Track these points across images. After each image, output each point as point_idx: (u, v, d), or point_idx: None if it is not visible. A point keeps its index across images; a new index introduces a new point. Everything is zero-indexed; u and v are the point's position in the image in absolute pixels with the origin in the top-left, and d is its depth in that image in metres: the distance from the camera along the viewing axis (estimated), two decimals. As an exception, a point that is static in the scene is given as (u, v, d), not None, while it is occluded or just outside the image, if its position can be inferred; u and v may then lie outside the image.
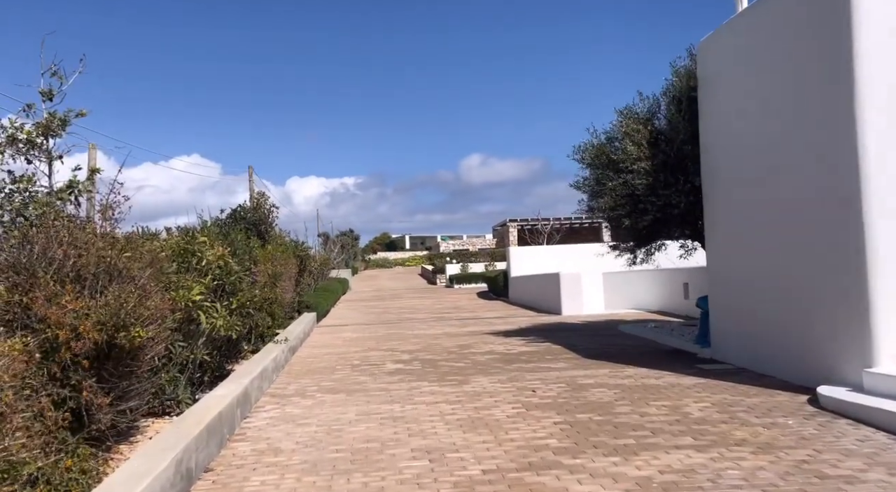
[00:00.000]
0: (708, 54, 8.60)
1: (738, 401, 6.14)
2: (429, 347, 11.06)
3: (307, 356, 10.62)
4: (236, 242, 8.42)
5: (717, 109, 8.37)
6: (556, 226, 60.42)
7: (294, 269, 14.24)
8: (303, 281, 17.09)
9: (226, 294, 7.78)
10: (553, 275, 16.91)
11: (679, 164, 9.16)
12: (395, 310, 21.44)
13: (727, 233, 8.14)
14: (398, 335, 13.26)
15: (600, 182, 10.08)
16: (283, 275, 11.91)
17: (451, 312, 19.10)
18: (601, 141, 10.39)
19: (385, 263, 78.88)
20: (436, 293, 31.81)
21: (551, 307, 17.04)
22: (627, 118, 9.82)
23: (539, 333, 12.55)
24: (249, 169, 41.98)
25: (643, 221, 9.30)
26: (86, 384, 4.24)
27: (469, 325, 14.83)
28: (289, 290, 13.50)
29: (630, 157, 9.37)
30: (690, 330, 10.96)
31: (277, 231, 16.51)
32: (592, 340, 11.09)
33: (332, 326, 15.83)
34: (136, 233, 6.20)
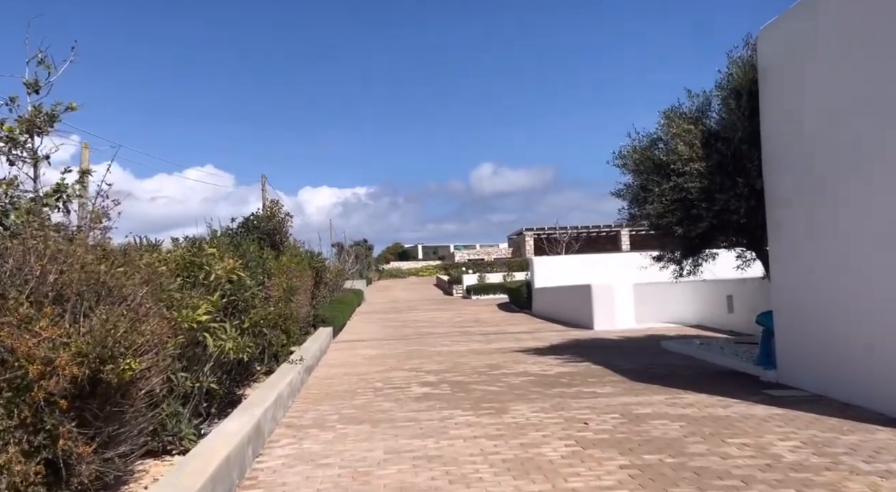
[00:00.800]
0: (771, 43, 7.78)
1: (832, 439, 5.28)
2: (456, 367, 10.25)
3: (325, 377, 9.85)
4: (248, 254, 7.70)
5: (784, 104, 7.53)
6: (574, 235, 59.50)
7: (310, 281, 13.51)
8: (318, 294, 16.36)
9: (237, 312, 7.04)
10: (583, 287, 16.05)
11: (737, 165, 8.32)
12: (413, 323, 20.64)
13: (799, 242, 7.27)
14: (420, 352, 12.47)
15: (645, 188, 9.26)
16: (298, 288, 11.18)
17: (473, 326, 18.27)
18: (644, 144, 9.58)
19: (398, 273, 78.18)
20: (454, 305, 30.98)
21: (581, 321, 16.16)
22: (675, 118, 9.00)
23: (574, 350, 11.69)
24: (262, 178, 41.57)
25: (697, 228, 8.45)
26: (63, 430, 3.48)
27: (495, 340, 14.01)
28: (304, 304, 12.77)
29: (681, 158, 8.55)
30: (744, 348, 10.08)
31: (292, 241, 15.81)
32: (635, 359, 10.23)
33: (349, 342, 15.06)
34: (134, 244, 5.47)
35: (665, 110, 9.26)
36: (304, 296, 12.82)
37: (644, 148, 9.53)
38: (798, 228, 7.29)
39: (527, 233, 73.89)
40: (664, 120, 9.23)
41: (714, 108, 9.14)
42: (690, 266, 10.32)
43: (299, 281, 11.76)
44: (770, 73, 7.79)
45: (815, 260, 7.00)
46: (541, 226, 71.68)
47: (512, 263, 54.32)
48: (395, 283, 63.17)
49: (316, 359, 11.28)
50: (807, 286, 7.18)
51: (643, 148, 9.55)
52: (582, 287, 16.26)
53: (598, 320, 15.32)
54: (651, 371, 9.06)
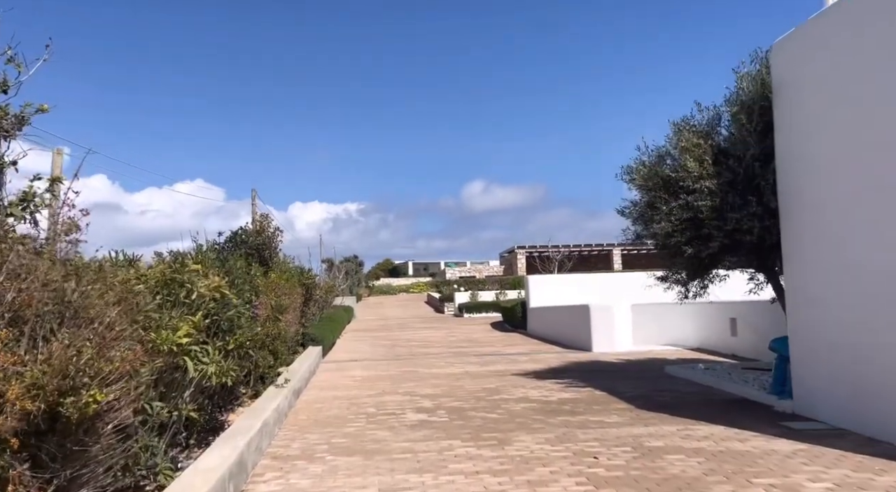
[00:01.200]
0: (785, 57, 7.50)
1: (866, 481, 4.88)
2: (452, 392, 9.80)
3: (313, 401, 9.37)
4: (235, 271, 7.26)
5: (800, 120, 7.23)
6: (566, 253, 59.25)
7: (299, 299, 13.05)
8: (308, 311, 15.88)
9: (221, 333, 6.59)
10: (581, 307, 15.67)
11: (749, 183, 8.00)
12: (405, 342, 20.15)
13: (818, 265, 6.93)
14: (414, 375, 12.00)
15: (653, 206, 8.93)
16: (287, 307, 10.72)
17: (467, 347, 17.81)
18: (652, 159, 9.27)
19: (389, 289, 77.63)
20: (446, 323, 30.51)
21: (579, 343, 15.75)
22: (685, 131, 8.69)
23: (574, 374, 11.27)
24: (252, 192, 41.06)
25: (708, 248, 8.11)
26: (14, 473, 3.04)
27: (491, 362, 13.56)
28: (293, 322, 12.30)
29: (691, 175, 8.22)
30: (753, 375, 9.70)
31: (282, 257, 15.36)
32: (639, 385, 9.82)
33: (339, 362, 14.56)
34: (110, 259, 5.03)
35: (675, 122, 8.96)
36: (293, 314, 12.35)
37: (652, 163, 9.22)
38: (816, 249, 6.96)
39: (519, 251, 73.71)
40: (673, 132, 8.92)
41: (724, 124, 8.85)
42: (697, 288, 9.97)
43: (288, 299, 11.31)
44: (784, 89, 7.50)
45: (836, 283, 6.65)
46: (533, 244, 71.58)
47: (504, 281, 53.94)
48: (385, 300, 62.59)
49: (304, 381, 10.80)
50: (826, 310, 6.82)
51: (651, 163, 9.23)
52: (580, 308, 15.88)
53: (596, 342, 14.92)
54: (658, 398, 8.65)
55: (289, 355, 12.13)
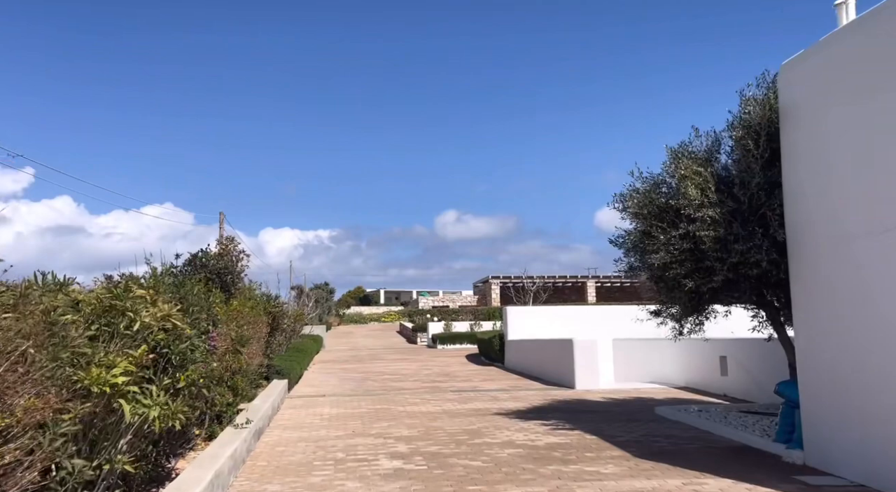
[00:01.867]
0: (794, 79, 7.09)
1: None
2: (429, 433, 9.04)
3: (276, 444, 8.52)
4: (191, 297, 6.49)
5: (810, 147, 6.79)
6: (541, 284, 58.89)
7: (265, 328, 12.21)
8: (274, 341, 14.98)
9: (171, 368, 5.79)
10: (564, 341, 15.05)
11: (754, 212, 7.53)
12: (376, 375, 19.27)
13: (833, 303, 6.41)
14: (387, 413, 11.19)
15: (649, 235, 8.40)
16: (250, 338, 9.90)
17: (443, 381, 17.02)
18: (647, 186, 8.78)
19: (360, 318, 76.38)
20: (419, 355, 29.63)
21: (561, 379, 15.09)
22: (684, 158, 8.23)
23: (559, 414, 10.59)
24: (220, 215, 40.10)
25: (712, 281, 7.58)
26: None
27: (470, 399, 12.81)
28: (257, 354, 11.45)
29: (692, 203, 7.72)
30: (752, 419, 9.13)
31: (247, 283, 14.51)
32: (631, 428, 9.17)
33: (306, 398, 13.67)
34: (34, 282, 4.26)
35: (672, 148, 8.50)
36: (258, 345, 11.51)
37: (647, 190, 8.73)
38: (830, 285, 6.45)
39: (493, 281, 73.24)
40: (670, 159, 8.45)
41: (724, 150, 8.42)
42: (692, 324, 9.43)
43: (252, 329, 10.49)
44: (793, 113, 7.08)
45: (853, 321, 6.13)
46: (507, 274, 71.22)
47: (478, 312, 53.21)
48: (356, 328, 61.44)
49: (267, 419, 9.93)
50: (842, 352, 6.28)
51: (646, 190, 8.74)
52: (562, 342, 15.26)
53: (580, 379, 14.28)
54: (654, 444, 8.01)
55: (251, 390, 11.26)
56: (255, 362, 11.39)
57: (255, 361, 11.36)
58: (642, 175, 8.85)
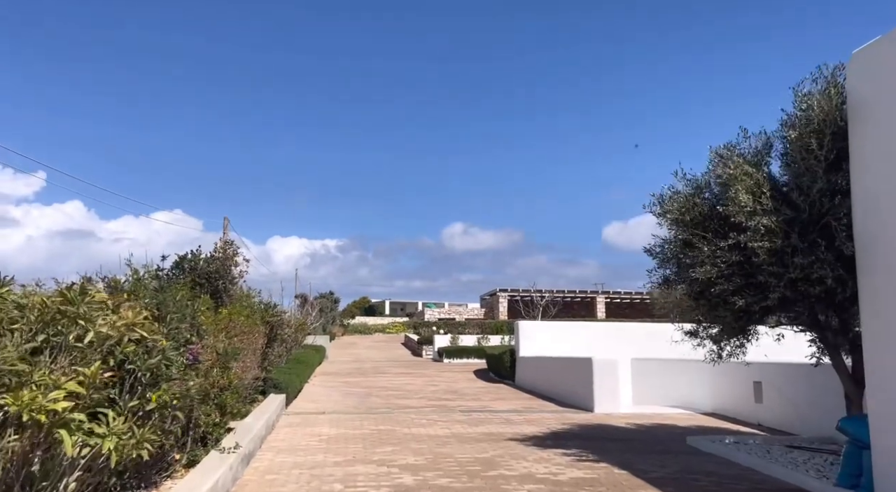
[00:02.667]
0: (869, 70, 6.22)
1: None
2: (438, 462, 8.14)
3: (266, 471, 7.64)
4: (171, 304, 5.66)
5: (887, 147, 5.91)
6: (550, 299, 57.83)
7: (261, 339, 11.37)
8: (272, 353, 14.14)
9: (141, 387, 4.96)
10: (583, 360, 14.12)
11: (815, 222, 6.65)
12: (380, 391, 18.36)
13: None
14: (391, 435, 10.30)
15: (691, 245, 7.53)
16: (243, 350, 9.07)
17: (450, 399, 16.09)
18: (689, 190, 7.92)
19: (364, 328, 75.48)
20: (425, 369, 28.70)
21: (578, 401, 14.15)
22: (734, 157, 7.36)
23: (580, 441, 9.66)
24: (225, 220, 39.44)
25: (766, 300, 6.68)
26: None
27: (481, 422, 11.89)
28: (252, 366, 10.60)
29: (743, 210, 6.85)
30: (801, 456, 8.19)
31: (245, 289, 13.70)
32: (664, 461, 8.24)
33: (304, 415, 12.78)
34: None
35: (717, 149, 7.64)
36: (252, 357, 10.67)
37: (690, 194, 7.86)
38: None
39: (501, 294, 72.20)
40: (715, 160, 7.59)
41: (776, 153, 7.55)
42: (733, 347, 8.52)
43: (246, 339, 9.66)
44: (864, 110, 6.20)
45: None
46: (515, 287, 70.16)
47: (486, 325, 52.23)
48: (360, 339, 60.57)
49: (259, 440, 9.06)
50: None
51: (689, 194, 7.88)
52: (580, 361, 14.33)
53: (599, 401, 13.34)
54: (694, 484, 7.08)
55: (244, 407, 10.41)
56: (250, 376, 10.54)
57: (250, 375, 10.51)
58: (685, 176, 7.99)
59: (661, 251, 8.28)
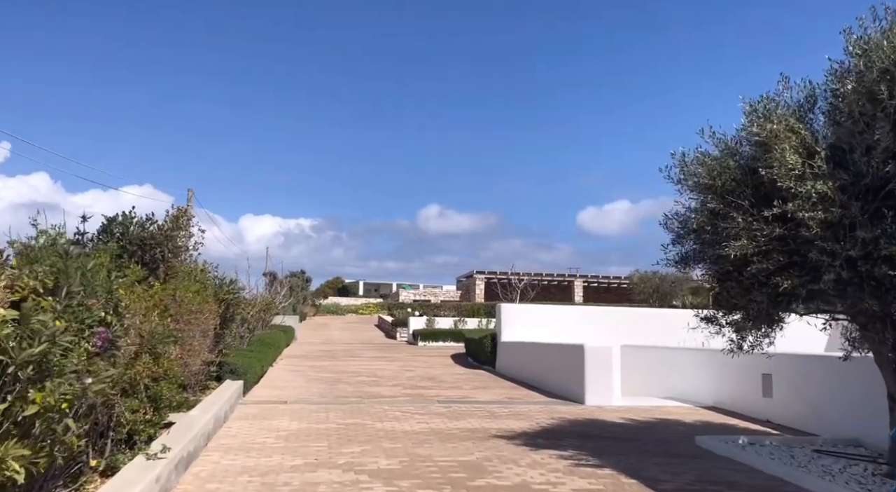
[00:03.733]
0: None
1: None
2: (415, 466, 7.01)
3: (209, 477, 6.44)
4: (72, 273, 4.38)
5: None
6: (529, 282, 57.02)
7: (213, 319, 10.09)
8: (229, 334, 12.85)
9: (19, 383, 3.71)
10: (574, 347, 13.08)
11: (880, 188, 5.58)
12: (351, 376, 17.20)
13: None
14: (361, 430, 9.15)
15: (722, 215, 6.43)
16: (189, 332, 7.80)
17: (427, 387, 14.99)
18: (722, 151, 6.81)
19: (337, 309, 74.19)
20: (400, 352, 27.59)
21: (567, 391, 13.14)
22: (776, 112, 6.26)
23: (576, 440, 8.61)
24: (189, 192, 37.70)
25: (822, 282, 5.61)
26: None
27: (462, 414, 10.80)
28: (201, 350, 9.34)
29: (790, 173, 5.75)
30: (836, 463, 7.22)
31: (199, 263, 12.37)
32: (674, 467, 7.22)
33: (263, 405, 11.56)
34: None
35: (751, 102, 6.52)
36: (203, 340, 9.40)
37: (721, 156, 6.75)
38: None
39: (478, 276, 71.36)
40: (751, 115, 6.48)
41: (822, 108, 6.45)
42: (757, 336, 7.50)
43: (193, 320, 8.39)
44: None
45: None
46: (492, 270, 69.33)
47: (462, 308, 51.27)
48: (332, 320, 59.32)
49: (205, 437, 7.84)
50: None
51: (720, 156, 6.77)
52: (571, 348, 13.29)
53: (590, 393, 12.33)
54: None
55: (192, 396, 9.19)
56: (198, 362, 9.28)
57: (198, 360, 9.25)
58: (714, 135, 6.87)
59: (684, 223, 7.17)
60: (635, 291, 64.79)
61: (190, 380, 9.70)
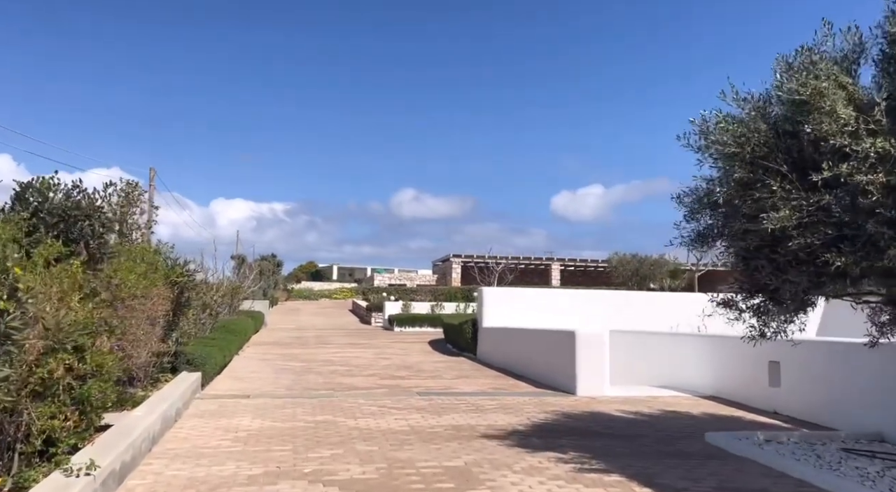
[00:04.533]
0: None
1: None
2: (394, 476, 6.07)
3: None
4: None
5: None
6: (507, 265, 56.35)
7: (163, 305, 8.99)
8: (184, 321, 11.74)
9: None
10: (563, 333, 12.24)
11: (950, 149, 4.72)
12: (322, 365, 16.21)
13: None
14: (333, 430, 8.20)
15: (751, 185, 5.55)
16: (131, 321, 6.74)
17: (405, 377, 14.06)
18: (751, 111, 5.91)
19: (310, 294, 72.86)
20: (375, 339, 26.62)
21: (556, 381, 12.32)
22: (820, 65, 5.36)
23: (577, 440, 7.74)
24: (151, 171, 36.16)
25: (886, 257, 4.74)
26: None
27: (445, 409, 9.88)
28: (148, 341, 8.26)
29: (842, 129, 4.87)
30: (868, 466, 6.45)
31: (146, 241, 11.24)
32: (691, 472, 6.38)
33: (223, 399, 10.53)
34: None
35: (787, 56, 5.62)
36: (149, 329, 8.32)
37: (751, 116, 5.85)
38: None
39: (454, 260, 70.51)
40: (785, 71, 5.57)
41: (874, 57, 5.57)
42: (782, 322, 6.68)
43: (134, 308, 7.32)
44: None
45: None
46: (469, 253, 68.55)
47: (439, 292, 50.46)
48: (304, 305, 58.15)
49: (149, 442, 6.80)
50: None
51: (748, 117, 5.87)
52: (560, 334, 12.45)
53: (582, 383, 11.50)
54: (750, 511, 5.23)
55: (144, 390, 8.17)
56: (145, 353, 8.21)
57: (145, 352, 8.18)
58: (739, 96, 5.96)
59: (707, 195, 6.27)
60: (614, 274, 64.61)
61: (138, 373, 8.64)
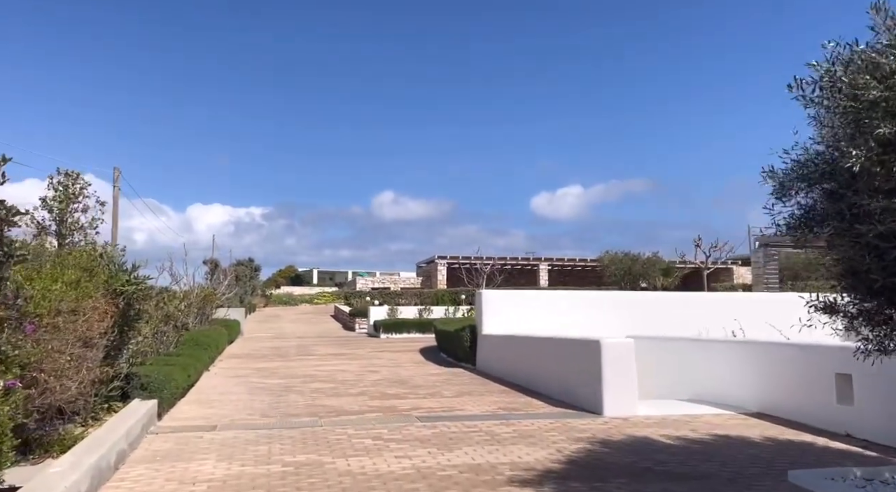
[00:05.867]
0: None
1: None
2: (405, 553, 4.47)
3: None
4: None
5: None
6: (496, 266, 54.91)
7: (101, 321, 7.29)
8: (133, 337, 10.02)
9: None
10: (586, 342, 10.69)
11: None
12: (304, 382, 14.54)
13: None
14: (318, 477, 6.58)
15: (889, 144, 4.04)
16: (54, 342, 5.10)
17: (400, 396, 12.43)
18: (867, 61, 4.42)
19: (290, 299, 70.97)
20: (361, 347, 24.95)
21: (577, 398, 10.78)
22: None
23: (628, 483, 6.19)
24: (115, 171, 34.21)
25: None
26: None
27: (454, 440, 8.28)
28: (79, 368, 6.58)
29: None
30: None
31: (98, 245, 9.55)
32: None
33: (183, 433, 8.84)
34: None
35: None
36: (82, 352, 6.64)
37: (868, 64, 4.35)
38: None
39: (439, 261, 69.07)
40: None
41: None
42: None
43: (58, 327, 5.66)
44: None
45: None
46: (454, 254, 67.15)
47: (426, 296, 48.97)
48: (284, 311, 56.30)
49: (73, 508, 5.14)
50: None
51: (866, 64, 4.37)
52: (581, 343, 10.92)
53: (609, 401, 9.97)
54: None
55: (84, 426, 6.52)
56: (75, 385, 6.52)
57: (75, 382, 6.49)
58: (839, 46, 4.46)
59: (804, 166, 4.76)
60: (606, 273, 63.46)
61: (70, 408, 6.96)
